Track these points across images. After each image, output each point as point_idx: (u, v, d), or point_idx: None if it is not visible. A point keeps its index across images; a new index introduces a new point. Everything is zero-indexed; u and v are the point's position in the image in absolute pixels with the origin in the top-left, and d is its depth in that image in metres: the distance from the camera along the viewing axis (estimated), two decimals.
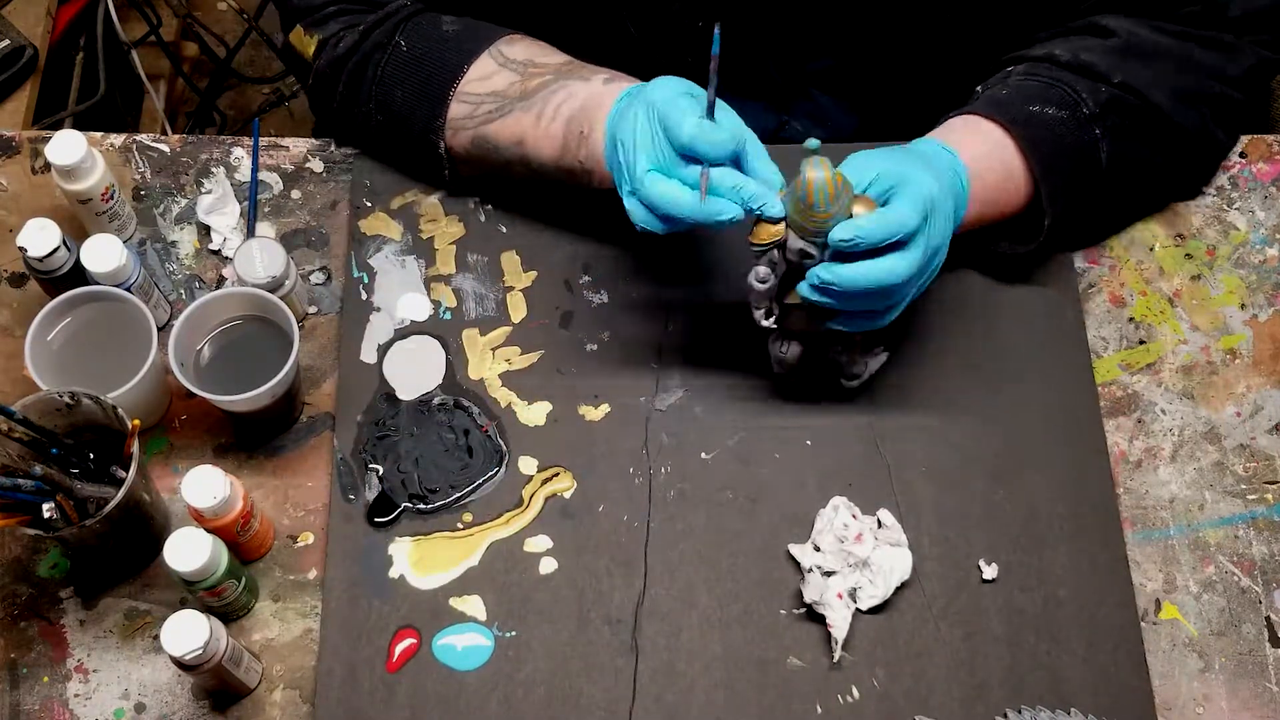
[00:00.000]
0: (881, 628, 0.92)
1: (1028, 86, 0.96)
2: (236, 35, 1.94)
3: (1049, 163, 0.94)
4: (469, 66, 0.98)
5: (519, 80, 0.97)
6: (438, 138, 1.00)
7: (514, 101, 0.96)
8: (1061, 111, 0.94)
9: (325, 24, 1.02)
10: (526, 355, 1.01)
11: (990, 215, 0.95)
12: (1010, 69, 0.99)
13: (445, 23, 1.01)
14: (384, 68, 1.00)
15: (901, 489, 0.96)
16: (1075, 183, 0.96)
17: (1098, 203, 1.00)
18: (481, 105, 0.98)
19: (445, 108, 0.98)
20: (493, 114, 0.97)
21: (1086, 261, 1.06)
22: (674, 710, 0.90)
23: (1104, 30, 0.98)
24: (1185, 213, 1.08)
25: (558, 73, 0.96)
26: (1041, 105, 0.95)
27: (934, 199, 0.85)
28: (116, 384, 0.89)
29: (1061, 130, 0.94)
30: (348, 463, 0.97)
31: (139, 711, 0.90)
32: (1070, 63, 0.96)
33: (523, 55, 0.98)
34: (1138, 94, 0.96)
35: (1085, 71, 0.96)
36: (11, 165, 1.09)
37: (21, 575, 0.94)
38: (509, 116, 0.97)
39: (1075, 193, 0.96)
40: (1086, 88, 0.95)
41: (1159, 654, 0.92)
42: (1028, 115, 0.94)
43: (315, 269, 1.05)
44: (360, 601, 0.92)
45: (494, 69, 0.98)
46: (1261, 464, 0.99)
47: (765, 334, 0.95)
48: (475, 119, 0.98)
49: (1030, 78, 0.97)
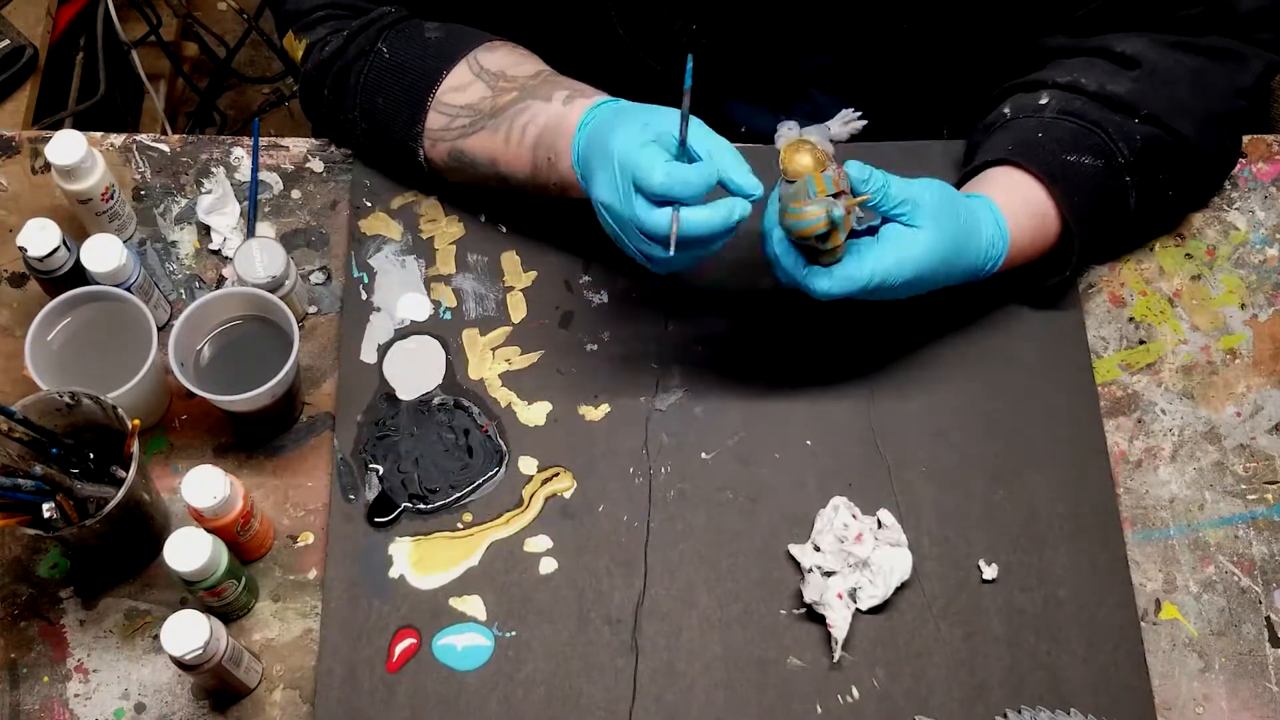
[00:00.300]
0: (881, 628, 0.92)
1: (1062, 131, 0.96)
2: (236, 35, 1.95)
3: (1082, 213, 0.95)
4: (447, 73, 0.98)
5: (490, 95, 0.97)
6: (417, 145, 1.00)
7: (485, 118, 0.97)
8: (1097, 160, 0.96)
9: (313, 29, 1.02)
10: (526, 355, 1.01)
11: (1019, 261, 0.97)
12: (1041, 99, 0.99)
13: (428, 29, 1.01)
14: (367, 74, 1.00)
15: (901, 489, 0.96)
16: (1105, 226, 0.98)
17: (1122, 238, 1.03)
18: (457, 119, 0.98)
19: (424, 114, 0.99)
20: (467, 129, 0.98)
21: None
22: (674, 710, 0.90)
23: (1124, 59, 0.98)
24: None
25: (523, 89, 0.96)
26: (1078, 155, 0.96)
27: (925, 261, 0.87)
28: (116, 384, 0.89)
29: (1096, 181, 0.96)
30: (348, 463, 0.97)
31: (139, 711, 0.90)
32: (1098, 94, 0.97)
33: (496, 66, 0.98)
34: (1165, 127, 0.97)
35: (1113, 104, 0.97)
36: (11, 165, 1.09)
37: (21, 575, 0.94)
38: (481, 133, 0.97)
39: (1103, 234, 0.99)
40: (1118, 130, 0.96)
41: (1159, 654, 0.92)
42: (1064, 166, 0.95)
43: (315, 269, 1.05)
44: (360, 601, 0.92)
45: (469, 79, 0.98)
46: (1261, 464, 0.99)
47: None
48: (452, 132, 0.98)
49: (1064, 118, 0.97)
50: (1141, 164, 0.97)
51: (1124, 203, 0.97)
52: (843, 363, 1.00)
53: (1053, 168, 0.95)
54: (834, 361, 1.00)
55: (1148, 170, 0.97)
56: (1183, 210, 1.07)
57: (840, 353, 1.01)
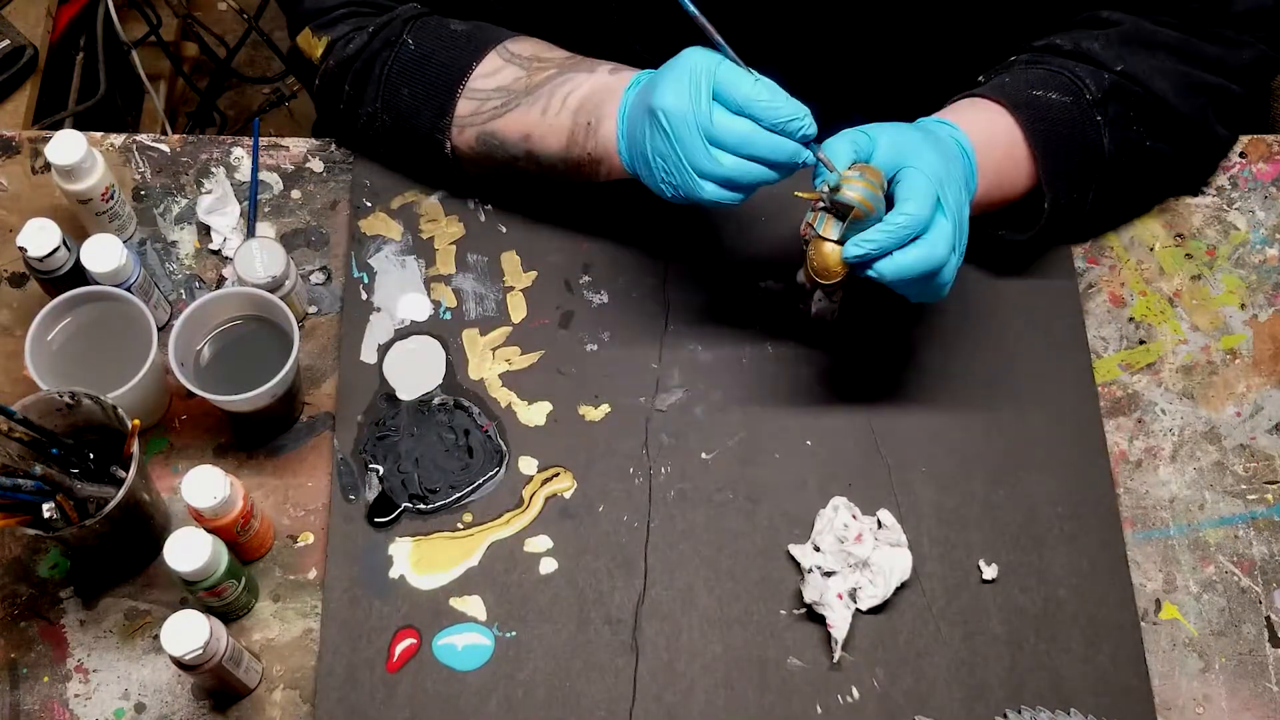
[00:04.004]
0: (881, 628, 0.92)
1: (1031, 73, 0.97)
2: (236, 35, 1.94)
3: (1051, 146, 0.95)
4: (477, 63, 0.98)
5: (524, 75, 0.97)
6: (444, 136, 1.00)
7: (520, 96, 0.97)
8: (1065, 97, 0.95)
9: (335, 25, 1.02)
10: (526, 355, 1.01)
11: (995, 197, 0.96)
12: (1014, 58, 1.00)
13: (454, 24, 1.01)
14: (391, 66, 1.00)
15: (901, 489, 0.96)
16: (1077, 167, 0.96)
17: (1100, 190, 1.00)
18: (488, 101, 0.98)
19: (453, 105, 0.98)
20: (499, 110, 0.97)
21: (1086, 261, 1.06)
22: (674, 710, 0.90)
23: (1105, 21, 0.99)
24: (1185, 213, 1.08)
25: (562, 66, 0.96)
26: (1045, 90, 0.95)
27: (941, 177, 0.85)
28: (116, 384, 0.89)
29: (1064, 115, 0.95)
30: (348, 463, 0.97)
31: (139, 711, 0.90)
32: (1072, 51, 0.98)
33: (528, 52, 0.98)
34: (1139, 83, 0.96)
35: (1087, 59, 0.97)
36: (11, 165, 1.09)
37: (21, 575, 0.94)
38: (515, 111, 0.97)
39: (1077, 177, 0.97)
40: (1089, 74, 0.96)
41: (1159, 654, 0.92)
42: (1030, 99, 0.95)
43: (315, 269, 1.05)
44: (360, 601, 0.92)
45: (500, 65, 0.98)
46: (1261, 464, 0.99)
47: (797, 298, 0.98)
48: (482, 115, 0.98)
49: (1033, 65, 0.98)
50: (1111, 103, 0.96)
51: (1096, 143, 0.96)
52: (843, 363, 1.00)
53: (1017, 98, 0.95)
54: (834, 362, 1.00)
55: (1119, 112, 0.96)
56: (1169, 182, 1.06)
57: (840, 353, 1.01)
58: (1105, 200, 1.02)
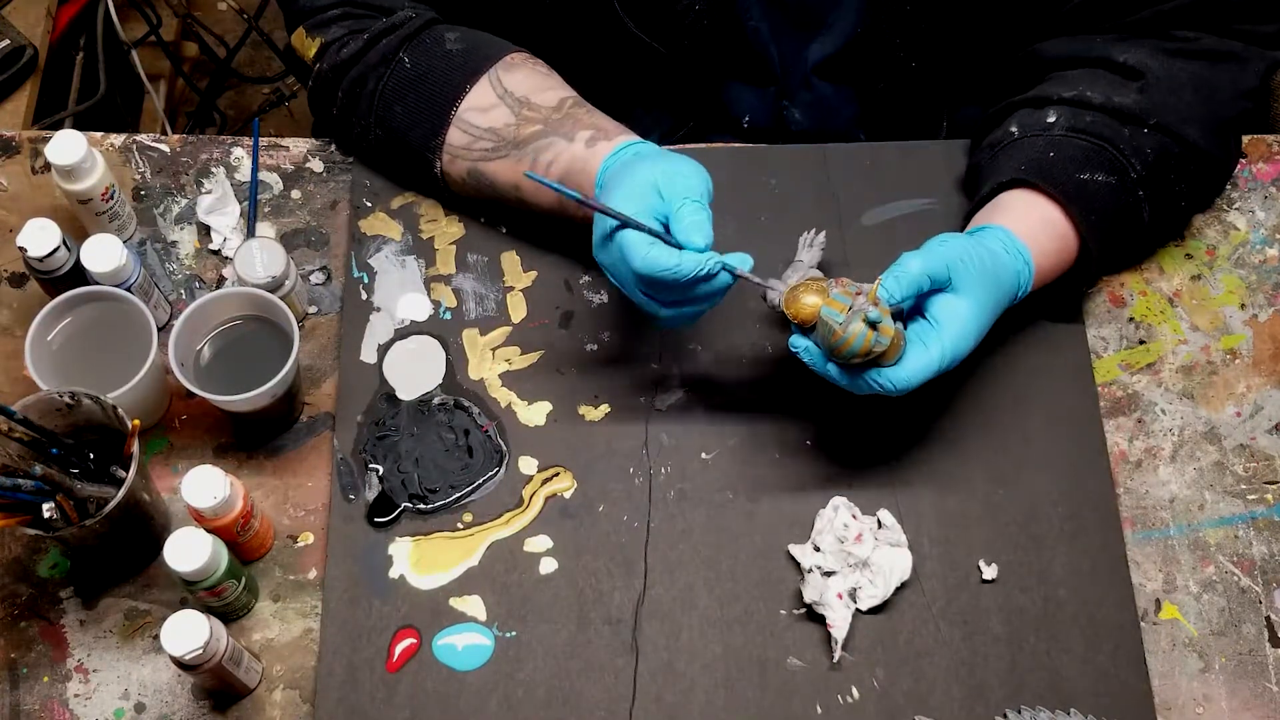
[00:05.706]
0: (881, 628, 0.92)
1: (1073, 149, 0.97)
2: (236, 35, 1.95)
3: (1099, 233, 0.96)
4: (470, 87, 0.98)
5: (514, 123, 0.97)
6: (434, 156, 1.00)
7: (509, 146, 0.97)
8: (1110, 177, 0.96)
9: (328, 27, 1.02)
10: (526, 355, 1.01)
11: (1042, 283, 0.97)
12: (1049, 116, 0.99)
13: (449, 40, 1.01)
14: (386, 83, 1.00)
15: (901, 489, 0.96)
16: (1120, 240, 0.99)
17: (1134, 250, 1.04)
18: (479, 141, 0.98)
19: (445, 127, 0.99)
20: (489, 153, 0.98)
21: None
22: (674, 710, 0.90)
23: (1127, 69, 0.98)
24: None
25: (547, 122, 0.96)
26: (1091, 172, 0.96)
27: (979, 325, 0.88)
28: (116, 384, 0.89)
29: (1111, 200, 0.96)
30: (348, 463, 0.97)
31: (139, 711, 0.90)
32: (1105, 106, 0.97)
33: (520, 89, 0.98)
34: (1173, 135, 0.97)
35: (1121, 116, 0.97)
36: (11, 165, 1.09)
37: (21, 575, 0.94)
38: (505, 160, 0.98)
39: (1119, 249, 1.00)
40: (1129, 145, 0.96)
41: (1159, 654, 0.92)
42: (1079, 185, 0.95)
43: (315, 269, 1.05)
44: (360, 601, 0.92)
45: (493, 101, 0.98)
46: (1261, 464, 0.99)
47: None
48: (474, 153, 0.99)
49: (1073, 136, 0.97)
50: (1154, 177, 0.97)
51: (1138, 217, 0.98)
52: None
53: (1068, 188, 0.95)
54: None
55: (1160, 183, 0.98)
56: (1190, 215, 1.07)
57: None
58: (1136, 253, 1.05)
